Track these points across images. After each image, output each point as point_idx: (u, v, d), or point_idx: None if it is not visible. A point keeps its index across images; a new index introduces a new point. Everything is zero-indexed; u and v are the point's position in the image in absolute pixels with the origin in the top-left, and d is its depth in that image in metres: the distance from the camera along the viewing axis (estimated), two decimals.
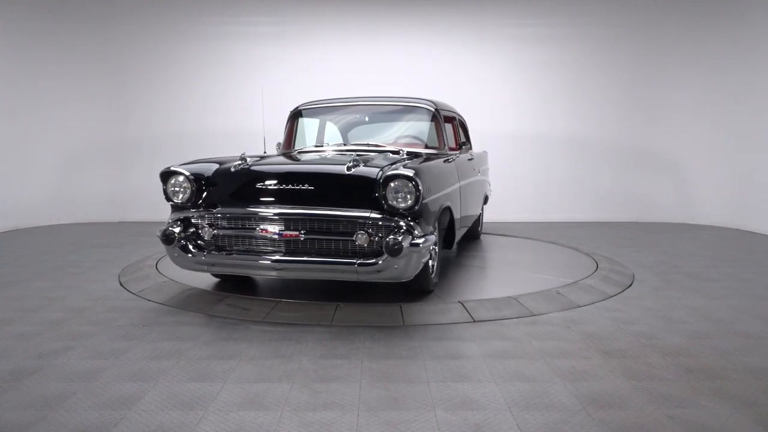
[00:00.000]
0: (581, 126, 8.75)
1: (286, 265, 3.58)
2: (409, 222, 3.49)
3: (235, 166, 3.92)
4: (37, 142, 8.27)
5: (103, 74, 8.59)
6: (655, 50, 8.62)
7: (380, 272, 3.46)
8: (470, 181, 5.39)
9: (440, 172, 4.20)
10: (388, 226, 3.48)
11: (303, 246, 3.61)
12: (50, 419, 2.29)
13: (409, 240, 3.39)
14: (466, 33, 8.70)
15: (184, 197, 3.85)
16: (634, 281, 4.74)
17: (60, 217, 8.54)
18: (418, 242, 3.43)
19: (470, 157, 5.58)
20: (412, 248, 3.39)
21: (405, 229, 3.45)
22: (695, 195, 8.67)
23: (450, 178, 4.43)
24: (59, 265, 5.41)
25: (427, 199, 3.61)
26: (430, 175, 3.78)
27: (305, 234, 3.58)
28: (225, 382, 2.65)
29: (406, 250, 3.34)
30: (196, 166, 3.97)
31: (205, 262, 3.76)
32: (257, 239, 3.69)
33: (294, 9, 8.63)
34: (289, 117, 5.32)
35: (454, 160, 4.74)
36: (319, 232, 3.57)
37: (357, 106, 5.17)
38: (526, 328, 3.48)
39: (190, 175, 3.84)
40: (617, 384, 2.64)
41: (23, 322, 3.60)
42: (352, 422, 2.27)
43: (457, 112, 5.91)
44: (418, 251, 3.45)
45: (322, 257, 3.56)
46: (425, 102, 4.96)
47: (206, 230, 3.76)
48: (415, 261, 3.49)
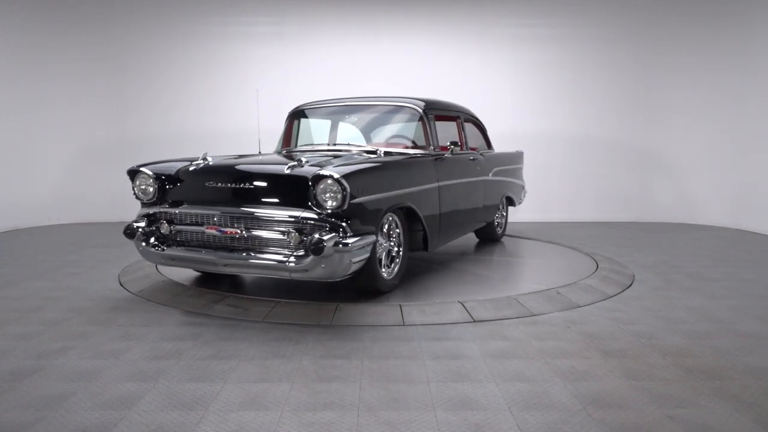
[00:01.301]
0: (581, 126, 8.75)
1: (227, 260, 3.76)
2: (339, 222, 3.52)
3: (193, 165, 4.09)
4: (37, 142, 8.27)
5: (103, 74, 8.58)
6: (656, 50, 8.62)
7: (308, 271, 3.54)
8: (467, 181, 5.28)
9: (390, 172, 4.09)
10: (315, 225, 3.56)
11: (243, 243, 3.78)
12: (50, 419, 2.29)
13: (334, 240, 3.42)
14: (466, 33, 8.69)
15: (148, 195, 4.09)
16: (634, 281, 4.74)
17: (60, 217, 8.54)
18: (346, 242, 3.45)
19: (472, 157, 5.45)
20: (337, 248, 3.42)
21: (329, 228, 3.51)
22: (695, 195, 8.67)
23: (415, 177, 4.31)
24: (59, 265, 5.41)
25: (360, 200, 3.60)
26: (369, 176, 3.77)
27: (244, 231, 3.74)
28: (225, 382, 2.65)
29: (329, 250, 3.39)
30: (160, 165, 4.18)
31: (165, 256, 3.99)
32: (205, 235, 3.90)
33: (294, 9, 8.63)
34: (287, 117, 5.45)
35: (433, 159, 4.63)
36: (256, 230, 3.72)
37: (348, 106, 5.21)
38: (526, 328, 3.48)
39: (153, 174, 4.07)
40: (617, 384, 2.64)
41: (23, 322, 3.60)
42: (352, 422, 2.27)
43: (463, 111, 5.76)
44: (347, 251, 3.45)
45: (259, 254, 3.70)
46: (412, 102, 4.90)
47: (164, 226, 4.02)
48: (343, 261, 3.49)
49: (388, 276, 4.08)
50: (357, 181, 3.57)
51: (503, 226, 6.68)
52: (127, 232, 4.02)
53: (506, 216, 6.74)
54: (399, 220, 4.17)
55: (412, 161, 4.46)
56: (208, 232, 3.85)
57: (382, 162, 4.08)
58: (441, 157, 4.77)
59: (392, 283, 4.15)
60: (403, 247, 4.25)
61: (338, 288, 4.25)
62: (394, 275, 4.17)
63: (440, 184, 4.65)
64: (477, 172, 5.50)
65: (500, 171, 6.18)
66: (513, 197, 6.68)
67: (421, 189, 4.35)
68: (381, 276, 3.98)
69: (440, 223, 4.66)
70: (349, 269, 3.57)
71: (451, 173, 4.93)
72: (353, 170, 3.61)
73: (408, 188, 4.17)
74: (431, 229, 4.46)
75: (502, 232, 6.66)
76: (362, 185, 3.62)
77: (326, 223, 3.53)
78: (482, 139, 6.23)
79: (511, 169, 6.59)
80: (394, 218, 4.12)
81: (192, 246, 3.97)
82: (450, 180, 4.86)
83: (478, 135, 6.15)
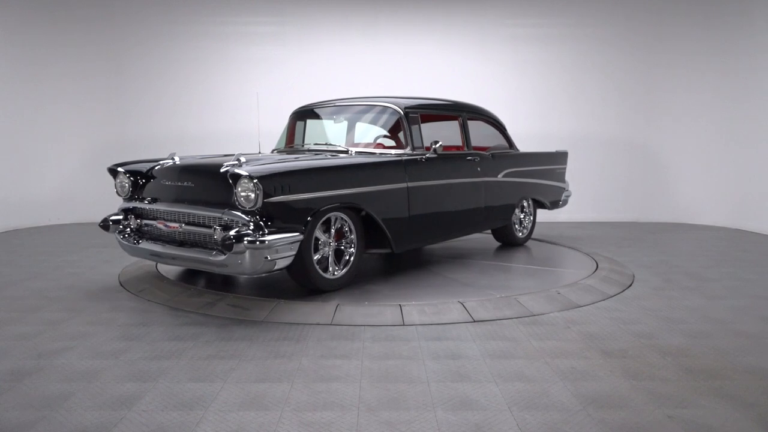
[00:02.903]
0: (581, 126, 8.75)
1: (170, 254, 4.03)
2: (256, 220, 3.60)
3: (159, 165, 4.33)
4: (37, 142, 8.27)
5: (104, 74, 8.58)
6: (656, 50, 8.62)
7: (227, 266, 3.71)
8: (458, 182, 5.10)
9: (325, 172, 4.04)
10: (234, 222, 3.69)
11: (183, 237, 4.06)
12: (50, 419, 2.29)
13: (244, 237, 3.51)
14: (466, 33, 8.69)
15: (125, 191, 4.46)
16: (634, 281, 4.74)
17: (60, 217, 8.54)
18: (262, 240, 3.53)
19: (471, 157, 5.34)
20: (250, 245, 3.51)
21: (242, 225, 3.62)
22: (695, 195, 8.66)
23: (369, 178, 4.26)
24: (59, 265, 5.42)
25: (280, 199, 3.67)
26: (293, 176, 3.81)
27: (183, 226, 4.00)
28: (225, 382, 2.65)
29: (240, 247, 3.52)
30: (135, 165, 4.49)
31: (136, 249, 4.29)
32: (158, 230, 4.21)
33: (294, 9, 8.63)
34: (289, 117, 5.53)
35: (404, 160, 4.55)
36: (193, 225, 3.96)
37: (336, 107, 5.26)
38: (526, 328, 3.48)
39: (125, 172, 4.43)
40: (617, 384, 2.64)
41: (23, 322, 3.60)
42: (352, 422, 2.27)
43: (470, 110, 5.63)
44: (261, 248, 3.54)
45: (192, 248, 3.95)
46: (393, 102, 4.88)
47: (134, 220, 4.37)
48: (258, 257, 3.58)
49: (332, 275, 4.11)
50: (275, 180, 3.65)
51: (528, 230, 6.36)
52: (101, 224, 4.42)
53: (533, 220, 6.41)
54: (351, 220, 4.18)
55: (362, 162, 4.42)
56: (159, 227, 4.18)
57: (312, 163, 4.09)
58: (417, 157, 4.65)
59: (337, 282, 4.15)
60: (357, 248, 4.26)
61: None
62: (343, 275, 4.18)
63: (411, 184, 4.55)
64: (477, 172, 5.35)
65: (519, 172, 5.93)
66: (543, 199, 6.41)
67: (378, 189, 4.29)
68: (318, 274, 3.99)
69: (411, 225, 4.59)
70: (272, 266, 3.65)
71: (431, 174, 4.79)
72: (272, 170, 3.70)
73: (355, 188, 4.13)
74: (395, 230, 4.41)
75: (525, 236, 6.34)
76: (283, 185, 3.69)
77: (251, 220, 3.62)
78: (501, 139, 5.99)
79: (539, 170, 6.28)
80: (344, 218, 4.15)
81: (154, 240, 4.25)
82: (428, 181, 4.74)
83: (495, 135, 5.94)
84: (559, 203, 6.77)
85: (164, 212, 4.16)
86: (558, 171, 6.69)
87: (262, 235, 3.55)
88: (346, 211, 4.14)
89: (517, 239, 6.22)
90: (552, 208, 6.70)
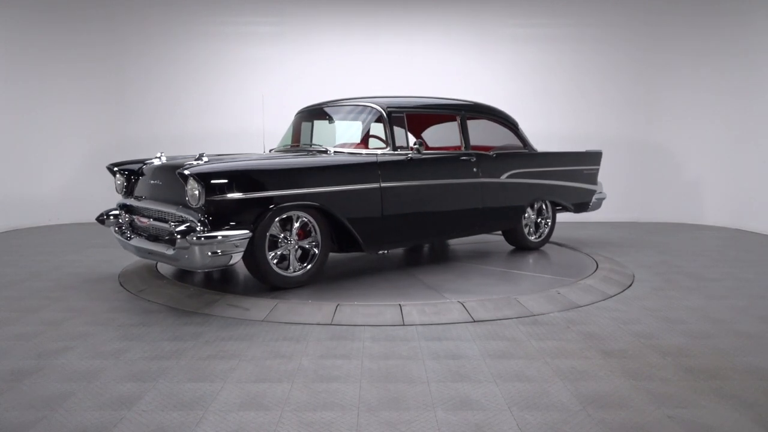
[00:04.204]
0: (580, 126, 8.74)
1: (145, 248, 4.17)
2: (202, 217, 3.73)
3: (146, 163, 4.55)
4: (37, 142, 8.26)
5: (104, 74, 8.58)
6: (655, 50, 8.62)
7: (178, 260, 3.87)
8: (446, 182, 4.97)
9: (278, 171, 4.08)
10: (184, 219, 3.86)
11: (151, 232, 4.29)
12: (50, 419, 2.29)
13: (190, 233, 3.64)
14: (466, 33, 8.69)
15: (120, 188, 4.70)
16: (634, 281, 4.74)
17: (60, 217, 8.54)
18: (203, 236, 3.65)
19: (466, 157, 5.15)
20: (194, 241, 3.64)
21: (190, 221, 3.76)
22: (695, 195, 8.67)
23: (333, 178, 4.26)
24: (59, 265, 5.41)
25: (227, 197, 3.76)
26: (241, 175, 3.89)
27: (151, 222, 4.24)
28: (225, 382, 2.65)
29: (183, 242, 3.66)
30: (129, 164, 4.71)
31: (127, 244, 4.43)
32: (137, 225, 4.48)
33: (294, 9, 8.63)
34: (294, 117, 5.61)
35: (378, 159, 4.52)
36: (158, 221, 4.18)
37: (328, 107, 5.32)
38: (526, 328, 3.48)
39: (120, 171, 4.67)
40: (617, 384, 2.64)
41: (23, 322, 3.60)
42: (352, 422, 2.27)
43: (471, 109, 5.49)
44: (204, 244, 3.65)
45: (156, 243, 4.14)
46: (376, 102, 4.87)
47: (123, 216, 4.57)
48: (200, 253, 3.68)
49: (292, 273, 4.18)
50: (218, 180, 3.76)
51: (544, 235, 6.03)
52: (97, 218, 4.61)
53: (551, 223, 6.06)
54: (315, 219, 4.21)
55: (323, 162, 4.40)
56: (137, 223, 4.47)
57: (261, 163, 4.12)
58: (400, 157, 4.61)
59: (295, 279, 4.19)
60: (321, 247, 4.28)
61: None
62: (302, 273, 4.22)
63: (386, 185, 4.49)
64: (473, 173, 5.17)
65: (529, 173, 5.66)
66: (563, 202, 6.07)
67: (342, 189, 4.27)
68: (272, 271, 4.06)
69: (385, 226, 4.54)
70: (220, 261, 3.76)
71: (412, 174, 4.71)
72: (215, 170, 3.81)
73: (314, 188, 4.12)
74: (365, 230, 4.39)
75: (540, 240, 6.00)
76: (227, 184, 3.78)
77: (196, 217, 3.76)
78: (512, 139, 5.77)
79: (557, 171, 5.96)
80: (306, 217, 4.17)
81: (139, 235, 4.45)
82: (407, 181, 4.66)
83: (505, 134, 5.73)
84: (587, 206, 6.34)
85: (139, 209, 4.43)
86: (586, 172, 6.27)
87: (206, 232, 3.67)
88: (309, 210, 4.17)
89: (528, 243, 5.91)
90: (578, 212, 6.32)
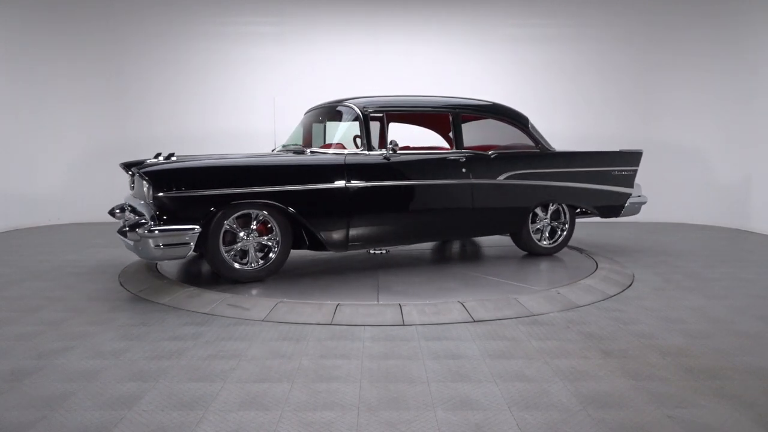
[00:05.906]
0: (580, 126, 8.74)
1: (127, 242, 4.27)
2: (152, 211, 4.00)
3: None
4: (37, 142, 8.27)
5: (104, 74, 8.59)
6: (654, 51, 8.62)
7: (136, 251, 4.15)
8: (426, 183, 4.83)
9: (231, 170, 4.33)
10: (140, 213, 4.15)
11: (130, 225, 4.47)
12: (50, 419, 2.29)
13: (139, 226, 3.93)
14: (466, 33, 8.69)
15: (130, 185, 4.80)
16: (634, 281, 4.74)
17: (60, 217, 8.54)
18: (149, 229, 3.91)
19: (455, 158, 4.95)
20: (143, 234, 3.91)
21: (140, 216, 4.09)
22: (695, 195, 8.66)
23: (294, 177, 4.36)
24: (59, 265, 5.42)
25: (175, 194, 4.01)
26: (192, 173, 4.17)
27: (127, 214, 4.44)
28: (225, 382, 2.65)
29: (134, 235, 3.96)
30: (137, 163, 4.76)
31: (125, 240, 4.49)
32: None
33: (294, 9, 8.63)
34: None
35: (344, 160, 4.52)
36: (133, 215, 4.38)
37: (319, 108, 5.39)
38: (526, 328, 3.48)
39: (125, 168, 4.75)
40: (617, 384, 2.64)
41: (23, 322, 3.60)
42: (352, 422, 2.27)
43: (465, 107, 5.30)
44: (151, 237, 3.90)
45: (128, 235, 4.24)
46: (354, 102, 4.88)
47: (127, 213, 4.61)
48: (149, 245, 3.94)
49: (250, 267, 4.35)
50: (166, 178, 4.03)
51: (558, 240, 5.60)
52: (109, 212, 4.70)
53: (567, 228, 5.62)
54: (273, 217, 4.32)
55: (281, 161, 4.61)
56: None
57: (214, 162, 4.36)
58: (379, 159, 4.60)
59: (252, 274, 4.36)
60: (281, 244, 4.40)
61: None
62: (260, 268, 4.38)
63: (353, 185, 4.48)
64: (461, 174, 4.94)
65: (536, 174, 5.32)
66: (583, 205, 5.63)
67: (304, 189, 4.35)
68: (227, 265, 4.25)
69: (352, 226, 4.53)
70: (170, 253, 4.00)
71: (385, 174, 4.67)
72: (163, 168, 4.11)
73: (270, 187, 4.26)
74: (328, 230, 4.45)
75: (555, 245, 5.59)
76: (176, 182, 4.04)
77: (149, 212, 4.01)
78: (522, 138, 5.48)
79: (575, 172, 5.52)
80: (263, 215, 4.30)
81: None
82: (378, 181, 4.62)
83: (514, 133, 5.45)
84: (618, 210, 5.81)
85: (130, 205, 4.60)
86: (617, 173, 5.72)
87: (155, 226, 3.92)
88: (269, 208, 4.29)
89: (538, 248, 5.52)
90: (606, 216, 5.79)
